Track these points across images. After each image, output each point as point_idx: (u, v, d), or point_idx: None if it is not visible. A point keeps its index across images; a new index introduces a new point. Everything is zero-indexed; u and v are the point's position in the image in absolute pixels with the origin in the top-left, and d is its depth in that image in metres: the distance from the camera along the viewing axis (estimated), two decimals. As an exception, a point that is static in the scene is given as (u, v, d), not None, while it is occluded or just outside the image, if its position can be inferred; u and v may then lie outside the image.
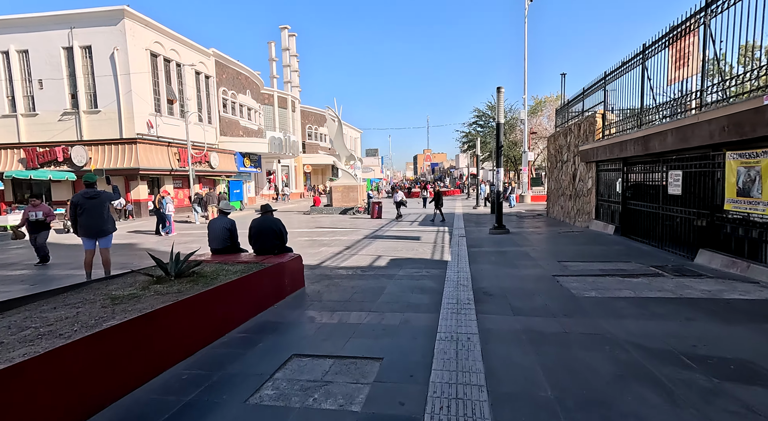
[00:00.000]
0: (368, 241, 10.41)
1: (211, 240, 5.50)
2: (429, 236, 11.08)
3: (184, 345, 3.32)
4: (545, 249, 8.29)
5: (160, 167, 20.17)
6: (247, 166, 28.67)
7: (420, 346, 3.40)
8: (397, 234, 11.67)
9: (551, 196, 16.30)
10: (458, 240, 9.80)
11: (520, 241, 9.51)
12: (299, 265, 5.51)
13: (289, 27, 38.79)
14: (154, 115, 20.67)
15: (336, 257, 8.12)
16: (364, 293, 5.17)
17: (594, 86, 11.29)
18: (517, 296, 4.83)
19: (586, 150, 11.18)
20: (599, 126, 10.79)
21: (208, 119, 25.80)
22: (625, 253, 7.48)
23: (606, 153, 9.75)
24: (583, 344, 3.33)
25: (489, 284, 5.50)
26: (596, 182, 11.06)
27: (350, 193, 22.34)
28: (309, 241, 10.74)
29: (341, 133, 22.33)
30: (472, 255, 7.78)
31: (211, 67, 25.95)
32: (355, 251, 8.80)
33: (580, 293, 4.82)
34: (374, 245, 9.57)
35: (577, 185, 12.56)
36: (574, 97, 13.14)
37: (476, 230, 11.93)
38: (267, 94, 36.66)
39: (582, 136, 11.90)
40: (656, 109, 7.80)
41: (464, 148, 40.89)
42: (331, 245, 9.81)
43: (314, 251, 9.04)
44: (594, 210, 11.21)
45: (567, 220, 13.58)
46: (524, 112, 26.53)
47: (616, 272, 5.88)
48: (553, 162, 15.75)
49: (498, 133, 10.92)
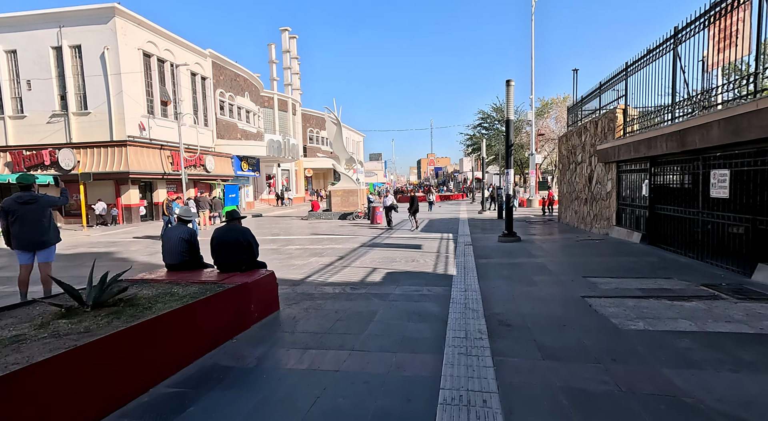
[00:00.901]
0: (365, 250, 9.40)
1: (165, 253, 4.52)
2: (432, 244, 10.05)
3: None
4: (565, 261, 7.23)
5: (152, 171, 19.35)
6: (244, 169, 27.83)
7: (415, 415, 2.38)
8: (397, 242, 10.65)
9: (563, 201, 15.22)
10: (464, 249, 8.77)
11: (534, 250, 8.45)
12: (272, 284, 4.51)
13: (290, 29, 38.17)
14: (147, 117, 19.90)
15: (325, 270, 7.12)
16: (348, 321, 4.16)
17: (613, 79, 10.26)
18: (542, 327, 3.80)
19: (605, 149, 10.13)
20: (620, 123, 9.75)
21: (205, 122, 25.04)
22: (661, 266, 6.41)
23: (629, 152, 8.70)
24: (657, 416, 2.29)
25: (504, 308, 4.46)
26: (617, 184, 10.00)
27: (350, 198, 21.40)
28: (300, 250, 9.76)
29: (341, 136, 21.43)
30: (480, 268, 6.75)
31: (207, 68, 25.24)
32: (349, 262, 7.80)
33: (624, 324, 3.77)
34: (370, 255, 8.56)
35: (593, 188, 11.49)
36: (589, 92, 12.11)
37: (483, 238, 10.88)
38: (267, 97, 35.96)
39: (599, 135, 10.86)
40: (697, 98, 6.75)
41: (468, 151, 39.85)
42: (323, 255, 8.81)
43: (303, 261, 8.05)
44: (614, 215, 10.13)
45: (582, 226, 12.49)
46: (531, 113, 25.46)
47: (660, 292, 4.82)
48: (566, 163, 14.69)
49: (508, 131, 9.91)
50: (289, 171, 39.36)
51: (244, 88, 29.99)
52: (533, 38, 23.12)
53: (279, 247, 10.39)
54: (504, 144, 10.80)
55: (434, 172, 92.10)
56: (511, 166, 10.09)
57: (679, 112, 7.33)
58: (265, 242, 11.67)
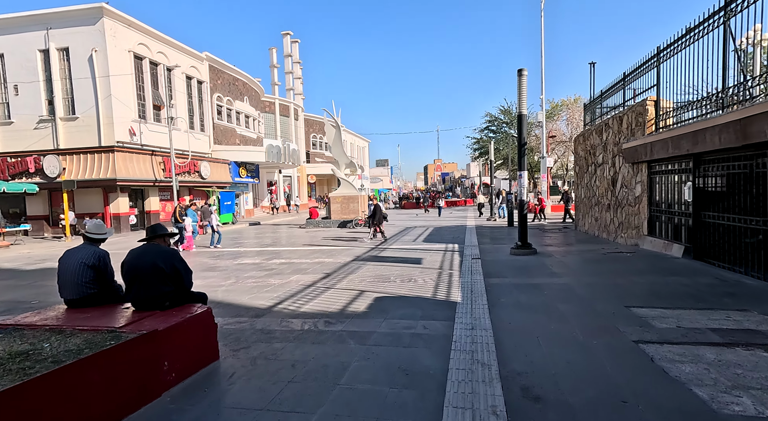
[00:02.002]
0: (357, 265, 8.16)
1: (61, 285, 3.33)
2: (434, 257, 8.77)
3: None
4: (596, 282, 5.90)
5: (142, 178, 18.41)
6: (243, 176, 26.87)
7: None
8: (394, 255, 9.39)
9: (581, 207, 13.83)
10: (471, 265, 7.47)
11: (555, 266, 7.12)
12: (206, 327, 3.29)
13: (292, 33, 37.52)
14: (138, 121, 19.04)
15: (303, 294, 5.89)
16: (305, 383, 2.91)
17: (641, 69, 8.96)
18: (590, 406, 2.50)
19: (633, 148, 8.79)
20: (651, 117, 8.42)
21: (201, 127, 24.17)
22: (726, 291, 5.04)
23: (666, 149, 7.36)
24: None
25: (528, 361, 3.18)
26: (648, 188, 8.63)
27: (350, 205, 20.22)
28: (285, 265, 8.55)
29: (340, 139, 20.35)
30: (491, 291, 5.45)
31: (204, 71, 24.44)
32: (334, 282, 6.56)
33: (718, 400, 2.46)
34: (361, 272, 7.31)
35: (618, 192, 10.12)
36: (611, 85, 10.79)
37: (493, 250, 9.56)
38: (268, 102, 35.19)
39: (625, 132, 9.53)
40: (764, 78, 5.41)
41: (476, 155, 38.50)
42: (307, 272, 7.59)
43: (282, 280, 6.83)
44: (646, 223, 8.74)
45: (605, 235, 11.10)
46: (542, 114, 24.12)
47: (746, 336, 3.48)
48: (583, 166, 13.33)
49: (520, 128, 8.64)
50: (291, 177, 38.44)
51: (243, 92, 29.19)
52: (543, 31, 21.86)
53: (262, 261, 9.20)
54: (515, 145, 9.42)
55: (441, 177, 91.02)
56: (524, 167, 8.80)
57: (738, 97, 6.00)
58: (250, 254, 10.52)
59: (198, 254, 11.09)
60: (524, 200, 8.77)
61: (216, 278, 7.26)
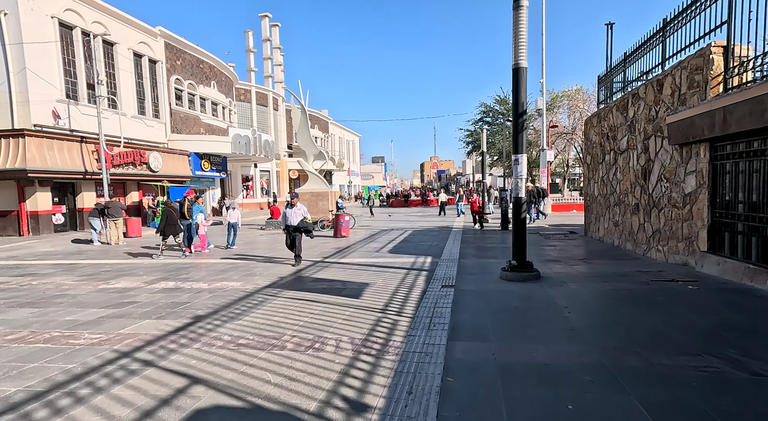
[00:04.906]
0: (262, 298, 5.24)
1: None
2: (389, 282, 5.86)
3: None
4: (667, 364, 3.00)
5: (66, 169, 15.37)
6: (205, 169, 23.83)
7: None
8: (333, 276, 6.48)
9: (592, 207, 10.97)
10: (436, 302, 4.56)
11: (573, 308, 4.24)
12: None
13: (271, 15, 34.33)
14: (66, 102, 15.99)
15: (90, 379, 2.97)
16: None
17: (697, 3, 6.04)
18: None
19: (685, 121, 5.88)
20: (718, 70, 5.52)
21: (155, 112, 21.11)
22: None
23: (756, 115, 4.48)
24: None
25: None
26: (710, 180, 5.74)
27: (319, 202, 17.28)
28: (160, 294, 5.62)
29: (307, 126, 17.38)
30: (452, 394, 2.56)
31: (158, 49, 21.35)
32: (183, 343, 3.65)
33: None
34: (250, 318, 4.39)
35: (653, 188, 7.25)
36: (643, 41, 7.86)
37: (478, 268, 6.65)
38: (243, 90, 32.16)
39: (668, 101, 6.64)
40: None
41: (469, 148, 35.53)
42: (171, 313, 4.68)
43: (102, 335, 3.91)
44: (705, 234, 5.86)
45: (629, 246, 8.24)
46: (542, 101, 21.17)
47: None
48: (597, 155, 10.45)
49: (517, 87, 5.69)
50: (269, 172, 35.44)
51: (210, 76, 26.12)
52: (544, 7, 18.88)
53: (143, 285, 6.26)
54: (510, 137, 6.74)
55: (437, 175, 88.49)
56: (523, 150, 5.87)
57: None
58: (142, 269, 7.44)
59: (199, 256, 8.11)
60: (521, 198, 5.84)
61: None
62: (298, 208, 7.73)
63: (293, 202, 7.80)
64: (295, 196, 7.90)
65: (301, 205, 7.85)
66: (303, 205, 7.83)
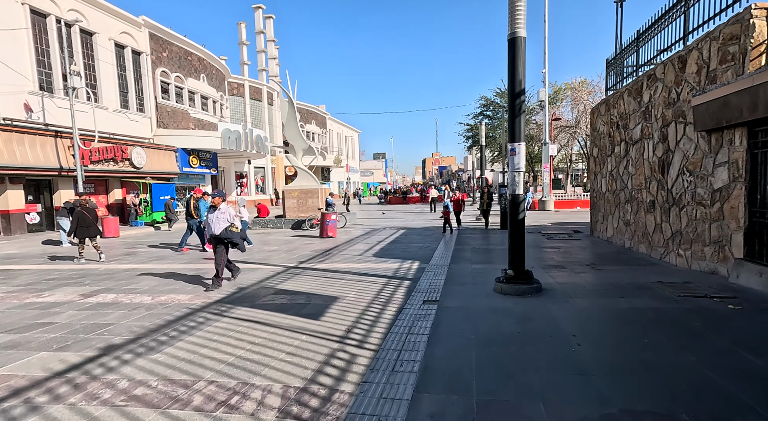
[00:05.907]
0: (203, 319, 4.32)
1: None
2: (363, 295, 4.93)
3: None
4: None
5: (39, 165, 14.50)
6: (194, 166, 22.91)
7: None
8: (300, 287, 5.54)
9: (599, 204, 9.98)
10: (408, 331, 3.62)
11: (585, 338, 3.30)
12: None
13: (264, 7, 33.23)
14: (39, 95, 15.10)
15: None
16: None
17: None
18: None
19: (718, 101, 4.88)
20: (761, 38, 4.52)
21: (139, 106, 20.19)
22: None
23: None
24: None
25: None
26: (748, 173, 4.75)
27: (309, 200, 16.38)
28: (68, 323, 4.71)
29: (295, 118, 16.40)
30: None
31: (143, 40, 20.37)
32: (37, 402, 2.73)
33: None
34: (175, 348, 3.48)
35: (673, 182, 6.26)
36: (661, 14, 6.83)
37: (469, 280, 5.69)
38: (236, 84, 31.18)
39: (692, 80, 5.64)
40: None
41: (469, 143, 34.44)
42: (68, 347, 3.76)
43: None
44: (741, 238, 4.88)
45: (643, 249, 7.26)
46: (544, 91, 20.09)
47: None
48: (605, 146, 9.45)
49: (514, 60, 4.70)
50: (264, 169, 34.52)
51: (200, 69, 25.14)
52: None
53: (78, 297, 5.35)
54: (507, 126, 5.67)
55: (438, 171, 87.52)
56: (521, 137, 4.90)
57: None
58: (94, 277, 6.53)
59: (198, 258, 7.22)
60: (519, 196, 4.87)
61: None
62: (223, 212, 5.73)
63: (215, 203, 5.78)
64: (218, 196, 5.85)
65: (227, 208, 5.80)
66: (230, 209, 5.85)
